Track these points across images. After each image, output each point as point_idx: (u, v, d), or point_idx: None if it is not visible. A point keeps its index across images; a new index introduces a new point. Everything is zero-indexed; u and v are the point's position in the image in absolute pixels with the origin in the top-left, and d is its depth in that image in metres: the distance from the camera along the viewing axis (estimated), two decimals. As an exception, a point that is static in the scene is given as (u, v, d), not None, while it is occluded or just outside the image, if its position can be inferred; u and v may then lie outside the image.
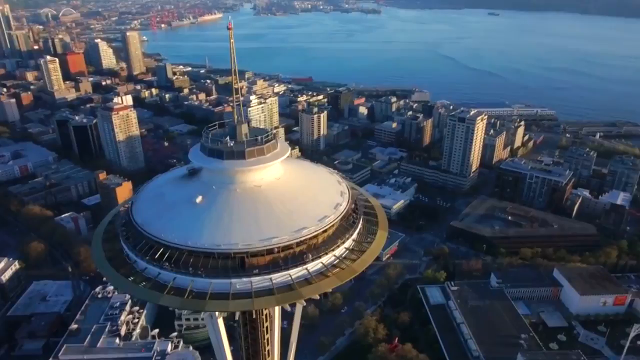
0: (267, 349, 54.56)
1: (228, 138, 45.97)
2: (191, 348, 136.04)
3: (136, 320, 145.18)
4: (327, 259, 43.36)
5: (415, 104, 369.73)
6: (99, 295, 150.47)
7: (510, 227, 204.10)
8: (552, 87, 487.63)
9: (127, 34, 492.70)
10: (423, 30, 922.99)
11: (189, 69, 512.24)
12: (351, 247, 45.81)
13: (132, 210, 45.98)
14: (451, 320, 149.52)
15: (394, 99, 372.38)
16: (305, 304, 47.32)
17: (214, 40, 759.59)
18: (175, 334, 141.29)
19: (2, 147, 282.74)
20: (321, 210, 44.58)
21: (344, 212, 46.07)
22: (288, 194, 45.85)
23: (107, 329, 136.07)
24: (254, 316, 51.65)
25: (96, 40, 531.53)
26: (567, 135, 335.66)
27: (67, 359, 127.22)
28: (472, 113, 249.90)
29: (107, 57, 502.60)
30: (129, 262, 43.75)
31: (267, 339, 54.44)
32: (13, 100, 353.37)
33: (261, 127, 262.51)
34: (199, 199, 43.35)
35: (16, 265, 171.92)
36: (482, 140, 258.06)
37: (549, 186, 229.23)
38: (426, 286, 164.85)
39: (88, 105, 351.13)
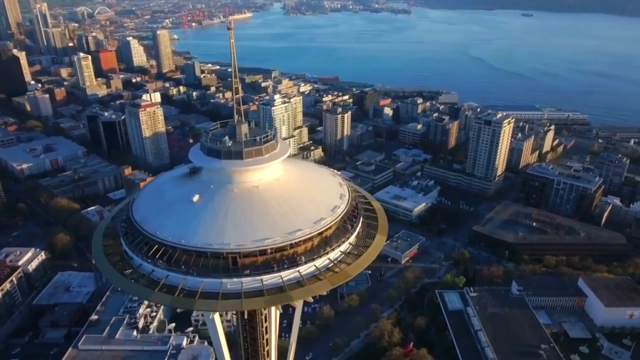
0: (266, 349, 54.29)
1: (227, 138, 45.89)
2: (206, 343, 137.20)
3: (154, 313, 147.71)
4: (320, 262, 42.85)
5: (442, 106, 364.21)
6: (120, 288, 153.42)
7: (535, 234, 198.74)
8: (586, 90, 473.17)
9: (158, 32, 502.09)
10: (453, 31, 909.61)
11: (217, 67, 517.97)
12: (347, 250, 45.16)
13: (132, 207, 46.52)
14: (469, 327, 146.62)
15: (420, 100, 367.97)
16: (297, 305, 46.29)
17: (243, 40, 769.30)
18: (191, 328, 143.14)
19: (35, 141, 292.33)
20: (318, 213, 44.05)
21: (342, 214, 45.40)
22: (285, 195, 45.49)
23: (125, 321, 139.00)
24: (253, 316, 51.31)
25: (128, 38, 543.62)
26: (600, 140, 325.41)
27: (86, 348, 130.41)
28: (498, 116, 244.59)
29: (138, 55, 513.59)
30: (126, 258, 44.27)
31: (267, 339, 54.07)
32: (47, 95, 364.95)
33: (284, 125, 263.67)
34: (195, 198, 43.49)
35: (42, 256, 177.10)
36: (508, 144, 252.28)
37: (577, 193, 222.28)
38: (444, 291, 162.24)
39: (118, 102, 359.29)
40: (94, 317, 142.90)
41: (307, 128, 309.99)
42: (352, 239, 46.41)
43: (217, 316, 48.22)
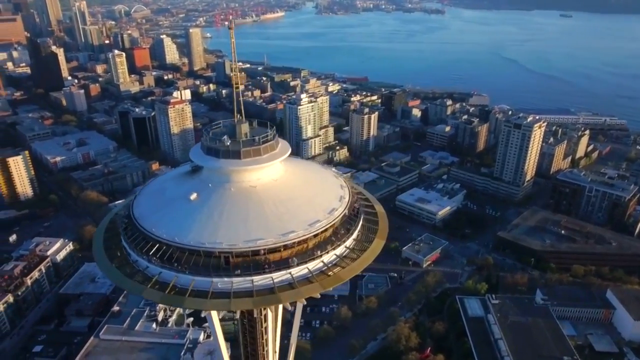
0: (265, 349, 54.05)
1: (226, 137, 45.82)
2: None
3: (173, 307, 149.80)
4: (314, 264, 42.29)
5: (472, 108, 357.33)
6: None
7: (563, 242, 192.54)
8: (625, 95, 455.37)
9: (190, 30, 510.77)
10: (487, 31, 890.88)
11: (247, 65, 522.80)
12: (343, 254, 44.42)
13: (133, 203, 47.05)
14: (489, 335, 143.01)
15: (449, 102, 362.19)
16: (290, 307, 45.87)
17: (274, 39, 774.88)
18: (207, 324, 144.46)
19: (69, 135, 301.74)
20: (314, 215, 43.49)
21: (339, 217, 44.68)
22: (282, 196, 45.09)
23: (145, 314, 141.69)
24: (252, 316, 51.15)
25: (162, 36, 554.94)
26: (638, 147, 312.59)
27: (107, 338, 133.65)
28: (529, 119, 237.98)
29: (171, 53, 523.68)
30: (124, 253, 44.78)
31: (266, 339, 53.82)
32: (82, 91, 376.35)
33: (310, 125, 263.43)
34: (193, 196, 43.61)
35: (70, 247, 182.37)
36: (539, 149, 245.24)
37: (610, 201, 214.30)
38: (465, 297, 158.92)
39: (149, 98, 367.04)
40: (115, 308, 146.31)
41: (333, 128, 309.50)
42: (349, 242, 45.63)
43: (215, 314, 48.39)
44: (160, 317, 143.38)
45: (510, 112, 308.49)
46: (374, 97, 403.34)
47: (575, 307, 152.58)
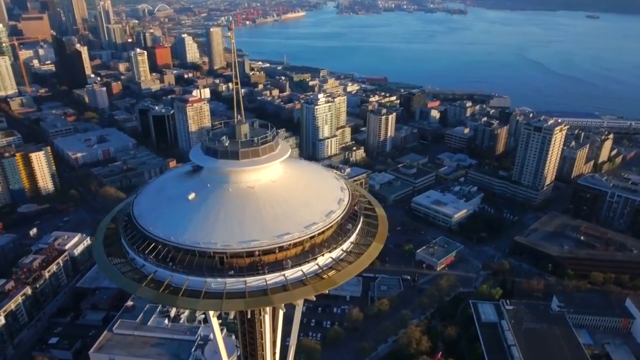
0: (265, 350, 53.85)
1: (225, 137, 45.81)
2: (233, 337, 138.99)
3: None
4: (308, 267, 41.92)
5: (493, 110, 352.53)
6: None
7: (582, 248, 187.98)
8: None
9: (211, 29, 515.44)
10: (511, 32, 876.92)
11: (267, 65, 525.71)
12: (339, 257, 43.94)
13: (134, 200, 47.43)
14: (502, 341, 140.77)
15: (469, 104, 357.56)
16: (284, 309, 45.52)
17: (294, 38, 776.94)
18: (219, 321, 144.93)
19: (90, 132, 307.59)
20: (310, 217, 43.11)
21: (336, 220, 44.23)
22: (280, 197, 44.82)
23: (158, 309, 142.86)
24: (250, 316, 51.04)
25: (183, 35, 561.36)
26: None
27: (120, 332, 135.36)
28: (549, 122, 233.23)
29: (192, 52, 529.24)
30: (122, 251, 45.13)
31: (265, 340, 53.57)
32: (104, 88, 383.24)
33: (327, 125, 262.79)
34: (191, 196, 43.68)
35: (88, 241, 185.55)
36: (559, 152, 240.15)
37: (633, 207, 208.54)
38: (479, 302, 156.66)
39: (169, 97, 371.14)
40: (129, 302, 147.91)
41: (350, 128, 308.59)
42: (346, 245, 45.10)
43: (212, 315, 48.43)
44: (172, 313, 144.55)
45: (531, 115, 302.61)
46: (393, 98, 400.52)
47: (592, 315, 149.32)
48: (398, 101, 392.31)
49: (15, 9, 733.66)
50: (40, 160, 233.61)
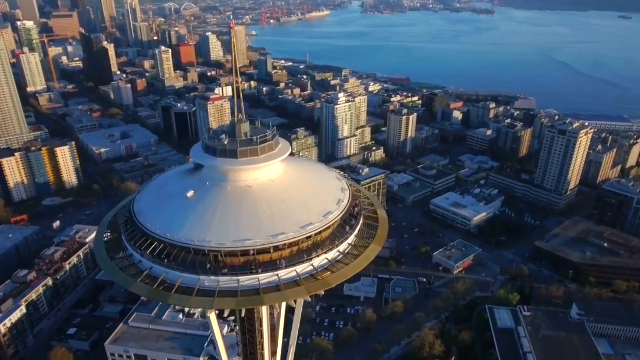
0: (264, 349, 53.70)
1: (224, 136, 45.80)
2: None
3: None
4: (303, 267, 41.53)
5: (517, 112, 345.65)
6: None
7: (605, 255, 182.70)
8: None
9: (235, 28, 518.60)
10: (539, 33, 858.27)
11: (290, 64, 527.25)
12: (335, 258, 43.41)
13: (136, 197, 47.87)
14: (518, 348, 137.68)
15: (492, 105, 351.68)
16: (278, 309, 45.05)
17: (318, 37, 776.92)
18: (232, 318, 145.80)
19: (114, 128, 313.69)
20: (307, 217, 42.69)
21: (334, 221, 43.71)
22: (278, 197, 44.54)
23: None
24: (252, 315, 50.97)
25: (208, 34, 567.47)
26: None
27: (135, 325, 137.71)
28: (575, 125, 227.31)
29: (216, 50, 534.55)
30: (121, 247, 45.58)
31: (264, 340, 53.42)
32: (129, 85, 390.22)
33: (347, 124, 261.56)
34: (190, 194, 43.85)
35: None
36: (585, 156, 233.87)
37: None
38: (496, 307, 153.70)
39: (192, 94, 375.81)
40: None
41: (370, 128, 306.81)
42: (343, 246, 44.53)
43: (213, 314, 48.64)
44: (187, 308, 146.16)
45: (557, 118, 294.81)
46: (415, 98, 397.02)
47: (614, 324, 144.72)
48: (420, 102, 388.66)
49: (46, 7, 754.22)
50: (65, 155, 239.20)
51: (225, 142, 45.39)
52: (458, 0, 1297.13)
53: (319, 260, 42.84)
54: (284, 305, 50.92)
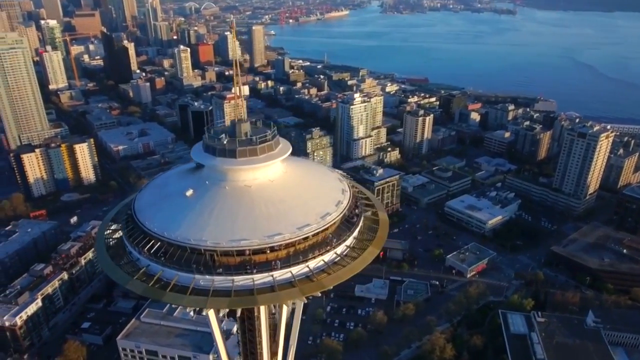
0: (264, 349, 53.52)
1: (224, 135, 45.73)
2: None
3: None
4: (298, 269, 41.18)
5: (537, 114, 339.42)
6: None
7: (624, 262, 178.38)
8: None
9: (253, 28, 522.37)
10: (562, 34, 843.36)
11: (307, 63, 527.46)
12: (332, 260, 42.92)
13: (137, 195, 48.15)
14: (530, 355, 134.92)
15: (511, 107, 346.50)
16: (273, 309, 44.61)
17: (336, 37, 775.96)
18: (238, 315, 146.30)
19: (132, 125, 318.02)
20: (304, 218, 42.34)
21: (332, 223, 43.25)
22: (276, 197, 44.31)
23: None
24: (252, 314, 50.85)
25: (226, 33, 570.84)
26: None
27: (147, 321, 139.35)
28: (595, 128, 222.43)
29: (234, 49, 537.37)
30: (121, 244, 45.87)
31: (263, 339, 53.24)
32: (148, 84, 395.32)
33: (362, 125, 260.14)
34: (189, 192, 43.89)
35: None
36: (605, 160, 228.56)
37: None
38: (509, 312, 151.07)
39: (209, 93, 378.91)
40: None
41: (386, 129, 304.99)
42: (340, 248, 44.03)
43: (211, 312, 48.62)
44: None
45: (577, 120, 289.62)
46: (432, 99, 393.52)
47: (630, 332, 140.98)
48: (437, 102, 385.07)
49: (70, 5, 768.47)
50: (84, 152, 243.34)
51: (225, 142, 45.34)
52: (479, 1, 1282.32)
53: (315, 262, 42.49)
54: (284, 305, 50.56)
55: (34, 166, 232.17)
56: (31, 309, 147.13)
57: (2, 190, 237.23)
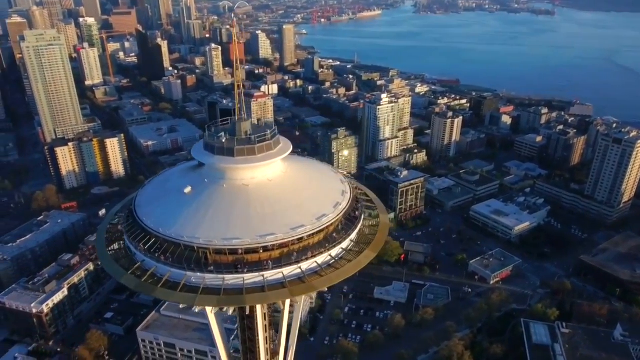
0: (264, 347, 53.32)
1: (223, 134, 45.69)
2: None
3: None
4: (290, 269, 40.69)
5: (572, 118, 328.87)
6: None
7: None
8: None
9: (284, 27, 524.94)
10: (601, 35, 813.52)
11: (337, 63, 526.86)
12: (325, 262, 42.17)
13: (139, 191, 48.69)
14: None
15: (544, 110, 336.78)
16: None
17: (368, 37, 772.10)
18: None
19: (162, 122, 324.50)
20: (299, 219, 41.84)
21: (328, 224, 42.54)
22: (273, 197, 43.99)
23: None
24: (252, 313, 50.72)
25: (257, 32, 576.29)
26: None
27: (166, 314, 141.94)
28: (632, 134, 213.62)
29: (265, 48, 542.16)
30: (121, 239, 46.44)
31: (266, 338, 53.07)
32: (179, 81, 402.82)
33: (388, 126, 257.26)
34: (187, 190, 44.09)
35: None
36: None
37: None
38: (532, 321, 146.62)
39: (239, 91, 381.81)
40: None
41: (413, 130, 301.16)
42: (336, 251, 43.28)
43: (211, 311, 48.75)
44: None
45: (614, 125, 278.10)
46: (463, 101, 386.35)
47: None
48: (468, 104, 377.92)
49: (108, 4, 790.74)
50: (114, 147, 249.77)
51: (224, 140, 45.38)
52: (516, 1, 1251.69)
53: (308, 264, 42.02)
54: (287, 304, 50.29)
55: (66, 159, 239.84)
56: (57, 297, 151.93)
57: (37, 182, 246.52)
